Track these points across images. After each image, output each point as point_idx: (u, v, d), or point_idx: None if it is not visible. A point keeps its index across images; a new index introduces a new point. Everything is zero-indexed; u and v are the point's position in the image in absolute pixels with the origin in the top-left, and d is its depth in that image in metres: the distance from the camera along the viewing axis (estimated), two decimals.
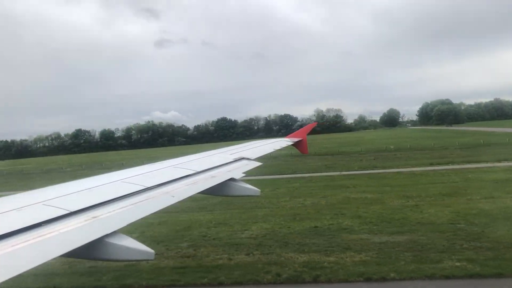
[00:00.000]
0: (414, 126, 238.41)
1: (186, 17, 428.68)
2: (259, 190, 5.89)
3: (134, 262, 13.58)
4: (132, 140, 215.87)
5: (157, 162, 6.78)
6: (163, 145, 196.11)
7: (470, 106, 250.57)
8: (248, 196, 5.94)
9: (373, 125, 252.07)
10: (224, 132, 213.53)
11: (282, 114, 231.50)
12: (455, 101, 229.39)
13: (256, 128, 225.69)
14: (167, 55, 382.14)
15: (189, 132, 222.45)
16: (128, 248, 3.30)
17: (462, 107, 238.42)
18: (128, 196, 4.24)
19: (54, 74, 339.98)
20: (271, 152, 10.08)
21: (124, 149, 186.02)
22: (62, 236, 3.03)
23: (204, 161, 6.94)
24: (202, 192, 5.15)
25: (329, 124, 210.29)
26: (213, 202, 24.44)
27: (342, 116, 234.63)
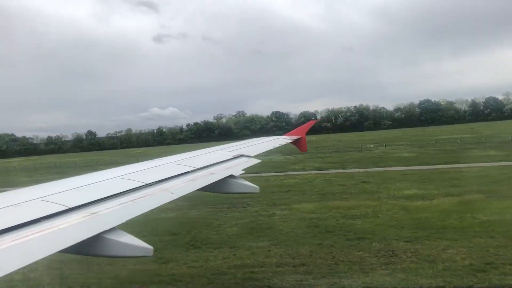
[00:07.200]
0: None
1: (186, 11, 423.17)
2: (258, 187, 5.90)
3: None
4: (337, 123, 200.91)
5: (156, 159, 6.78)
6: (369, 128, 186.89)
7: None
8: (247, 193, 5.95)
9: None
10: (432, 115, 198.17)
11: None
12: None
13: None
14: (166, 50, 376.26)
15: (396, 115, 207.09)
16: (126, 245, 3.31)
17: None
18: (127, 193, 4.24)
19: (49, 69, 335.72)
20: (271, 150, 10.07)
21: (329, 133, 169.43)
22: (61, 232, 3.03)
23: (204, 158, 6.94)
24: (202, 189, 5.15)
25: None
26: None
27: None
